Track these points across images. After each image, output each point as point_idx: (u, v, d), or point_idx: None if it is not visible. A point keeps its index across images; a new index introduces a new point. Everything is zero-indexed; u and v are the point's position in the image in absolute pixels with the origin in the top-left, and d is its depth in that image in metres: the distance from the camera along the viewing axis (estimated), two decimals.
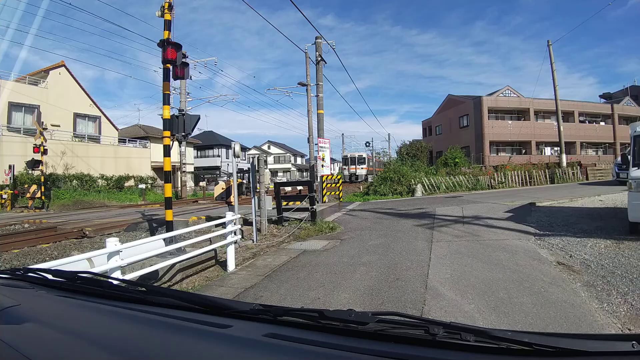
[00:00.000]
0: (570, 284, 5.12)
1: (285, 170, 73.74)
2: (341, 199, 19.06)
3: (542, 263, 6.22)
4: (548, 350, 0.94)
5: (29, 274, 1.76)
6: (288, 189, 12.59)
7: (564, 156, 28.25)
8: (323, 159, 19.01)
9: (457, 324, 1.06)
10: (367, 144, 55.71)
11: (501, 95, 41.61)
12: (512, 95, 41.74)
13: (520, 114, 41.34)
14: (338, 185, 18.86)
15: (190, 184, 35.12)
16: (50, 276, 1.72)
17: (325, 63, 19.75)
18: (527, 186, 24.06)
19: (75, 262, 4.00)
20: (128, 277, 4.59)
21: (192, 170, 39.39)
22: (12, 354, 0.98)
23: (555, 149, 36.30)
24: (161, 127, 7.86)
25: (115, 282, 1.83)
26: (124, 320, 1.31)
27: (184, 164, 29.08)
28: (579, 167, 27.44)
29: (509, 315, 4.07)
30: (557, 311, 4.13)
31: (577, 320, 3.90)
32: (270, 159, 68.43)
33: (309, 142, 21.06)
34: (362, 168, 39.39)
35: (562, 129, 28.26)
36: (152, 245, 5.39)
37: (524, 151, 40.64)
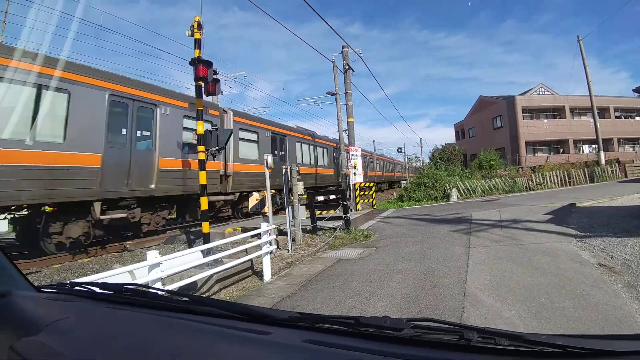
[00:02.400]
0: (611, 286, 4.99)
1: None
2: (375, 206, 18.93)
3: (583, 265, 6.03)
4: (581, 352, 0.95)
5: (76, 288, 1.81)
6: (321, 198, 12.74)
7: (602, 154, 27.40)
8: (355, 167, 18.99)
9: (491, 328, 1.07)
10: (399, 150, 55.05)
11: (534, 93, 40.48)
12: (546, 93, 40.54)
13: (555, 112, 39.99)
14: (371, 192, 18.76)
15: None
16: (97, 289, 1.76)
17: (353, 71, 19.78)
18: (567, 186, 23.37)
19: (118, 275, 4.15)
20: (168, 288, 4.73)
21: None
22: None
23: (593, 146, 34.89)
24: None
25: (159, 292, 1.89)
26: (171, 329, 1.36)
27: None
28: (617, 165, 26.61)
29: (551, 320, 3.96)
30: (598, 314, 4.05)
31: (617, 322, 3.82)
32: None
33: (339, 150, 21.10)
34: None
35: (598, 126, 27.28)
36: (191, 257, 5.53)
37: (561, 150, 39.32)
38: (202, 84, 7.75)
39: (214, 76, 7.85)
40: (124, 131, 10.04)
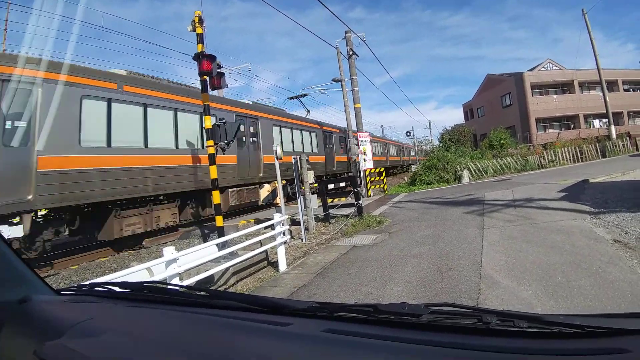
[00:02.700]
0: (627, 262, 4.95)
1: None
2: (386, 192, 18.88)
3: (598, 242, 5.98)
4: (599, 332, 0.94)
5: (96, 288, 1.80)
6: (332, 185, 12.57)
7: (612, 128, 27.24)
8: (364, 153, 18.90)
9: (509, 311, 1.07)
10: (408, 134, 54.28)
11: (543, 69, 39.68)
12: (554, 68, 39.69)
13: (565, 87, 39.08)
14: (382, 178, 18.70)
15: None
16: (117, 288, 1.76)
17: (358, 56, 19.54)
18: (579, 162, 23.25)
19: (136, 272, 4.22)
20: (185, 283, 4.80)
21: None
22: None
23: (604, 120, 34.27)
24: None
25: (178, 288, 1.90)
26: (192, 324, 1.37)
27: None
28: (628, 138, 26.57)
29: (568, 299, 3.96)
30: (614, 291, 4.04)
31: (634, 299, 3.81)
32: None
33: (348, 137, 21.00)
34: None
35: (608, 100, 26.95)
36: (206, 251, 5.60)
37: (572, 126, 38.52)
38: (207, 78, 7.74)
39: (219, 70, 7.83)
40: None
